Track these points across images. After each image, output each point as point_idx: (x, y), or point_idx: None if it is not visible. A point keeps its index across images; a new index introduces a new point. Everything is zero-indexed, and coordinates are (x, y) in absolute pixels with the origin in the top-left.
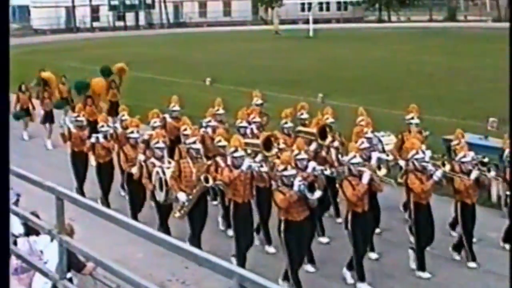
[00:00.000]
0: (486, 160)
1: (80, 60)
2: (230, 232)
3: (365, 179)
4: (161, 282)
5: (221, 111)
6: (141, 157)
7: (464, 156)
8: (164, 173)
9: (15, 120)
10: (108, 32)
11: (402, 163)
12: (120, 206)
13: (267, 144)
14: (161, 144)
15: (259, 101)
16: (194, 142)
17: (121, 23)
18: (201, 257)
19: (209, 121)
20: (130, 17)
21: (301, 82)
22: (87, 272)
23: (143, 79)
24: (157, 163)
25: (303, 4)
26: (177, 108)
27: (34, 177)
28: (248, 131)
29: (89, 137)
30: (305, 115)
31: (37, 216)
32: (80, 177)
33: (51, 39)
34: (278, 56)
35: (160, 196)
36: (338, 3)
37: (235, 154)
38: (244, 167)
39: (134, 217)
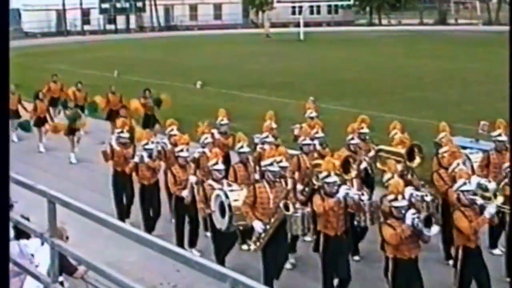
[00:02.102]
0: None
1: (70, 63)
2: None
3: (490, 211)
4: (153, 286)
5: (273, 125)
6: (192, 178)
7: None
8: (227, 196)
9: (22, 130)
10: (98, 35)
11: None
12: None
13: (346, 166)
14: (220, 166)
15: (314, 113)
16: (271, 164)
17: (111, 26)
18: (193, 260)
19: (266, 137)
20: (121, 20)
21: (291, 85)
22: (78, 276)
23: (133, 83)
24: (216, 185)
25: (293, 7)
26: (225, 121)
27: (26, 181)
28: (311, 148)
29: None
30: (365, 130)
31: (28, 220)
32: (121, 201)
33: (42, 42)
34: (268, 59)
35: (222, 223)
36: (329, 6)
37: (328, 180)
38: (340, 195)
39: (181, 245)
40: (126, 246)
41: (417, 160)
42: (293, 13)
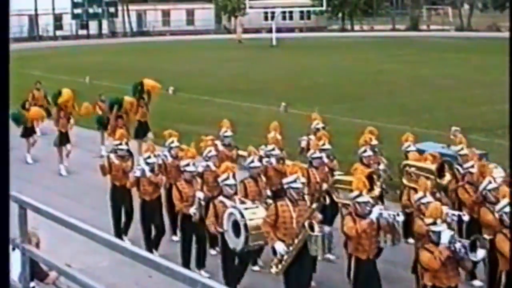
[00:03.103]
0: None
1: (43, 69)
2: None
3: None
4: None
5: (278, 136)
6: (199, 194)
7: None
8: (242, 215)
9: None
10: (71, 41)
11: None
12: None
13: (370, 183)
14: (232, 181)
15: (320, 124)
16: (295, 181)
17: (84, 32)
18: (164, 266)
19: (272, 149)
20: (93, 25)
21: (264, 91)
22: (50, 282)
23: (105, 88)
24: (228, 202)
25: (266, 13)
26: (229, 133)
27: None
28: (321, 161)
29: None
30: (374, 141)
31: None
32: (119, 216)
33: (14, 47)
34: (241, 65)
35: (237, 243)
36: (301, 12)
37: (360, 200)
38: (373, 216)
39: (187, 266)
40: (98, 252)
41: (447, 177)
42: (266, 18)
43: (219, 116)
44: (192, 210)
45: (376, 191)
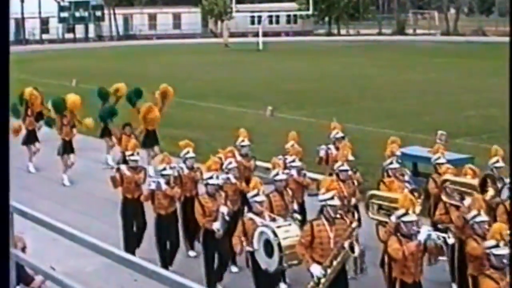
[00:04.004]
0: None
1: (29, 72)
2: None
3: None
4: None
5: (297, 146)
6: (223, 209)
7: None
8: (275, 234)
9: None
10: (57, 44)
11: None
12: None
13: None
14: (261, 197)
15: (340, 134)
16: (332, 198)
17: (70, 35)
18: (149, 270)
19: (293, 161)
20: (80, 29)
21: (250, 95)
22: (35, 286)
23: (91, 91)
24: (257, 219)
25: (252, 17)
26: (246, 142)
27: None
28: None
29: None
30: (398, 152)
31: None
32: (131, 231)
33: None
34: (227, 69)
35: (269, 264)
36: (288, 16)
37: (406, 219)
38: (422, 238)
39: (212, 284)
40: (84, 256)
41: (491, 192)
42: (252, 22)
43: (204, 120)
44: (216, 226)
45: (417, 208)
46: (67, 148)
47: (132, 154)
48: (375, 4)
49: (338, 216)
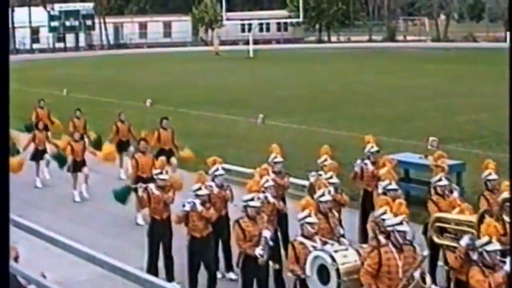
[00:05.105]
0: None
1: (20, 82)
2: None
3: None
4: None
5: (332, 162)
6: (266, 233)
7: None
8: (333, 259)
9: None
10: (48, 54)
11: None
12: None
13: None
14: (313, 219)
15: (375, 148)
16: (401, 223)
17: (61, 45)
18: (142, 278)
19: (330, 178)
20: (70, 38)
21: (241, 102)
22: None
23: (83, 101)
24: (308, 243)
25: (243, 25)
26: (279, 159)
27: None
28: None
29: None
30: (493, 176)
31: None
32: (157, 253)
33: None
34: (218, 76)
35: None
36: (278, 24)
37: (490, 248)
38: (508, 268)
39: None
40: (76, 265)
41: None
42: (243, 30)
43: (195, 128)
44: (259, 252)
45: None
46: (77, 165)
47: (161, 173)
48: (365, 11)
49: (407, 242)
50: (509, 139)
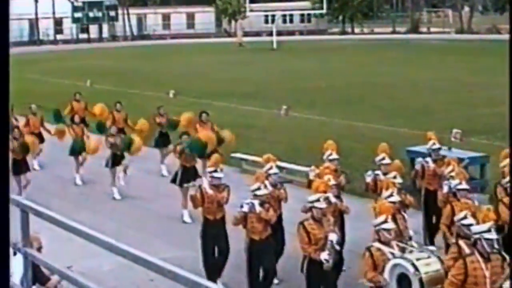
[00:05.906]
0: None
1: (43, 73)
2: None
3: None
4: None
5: (387, 160)
6: (333, 237)
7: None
8: (416, 268)
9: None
10: (71, 45)
11: None
12: None
13: None
14: (390, 225)
15: (436, 145)
16: (489, 230)
17: (84, 36)
18: (166, 269)
19: (394, 177)
20: (93, 29)
21: (264, 94)
22: (51, 286)
23: (106, 92)
24: (386, 249)
25: (266, 16)
26: (334, 156)
27: None
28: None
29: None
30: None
31: None
32: (212, 256)
33: (14, 51)
34: (241, 68)
35: None
36: (302, 15)
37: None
38: None
39: None
40: (99, 255)
41: None
42: (266, 22)
43: (220, 119)
44: (324, 256)
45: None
46: (116, 160)
47: (216, 171)
48: (389, 2)
49: (494, 250)
50: (509, 138)
